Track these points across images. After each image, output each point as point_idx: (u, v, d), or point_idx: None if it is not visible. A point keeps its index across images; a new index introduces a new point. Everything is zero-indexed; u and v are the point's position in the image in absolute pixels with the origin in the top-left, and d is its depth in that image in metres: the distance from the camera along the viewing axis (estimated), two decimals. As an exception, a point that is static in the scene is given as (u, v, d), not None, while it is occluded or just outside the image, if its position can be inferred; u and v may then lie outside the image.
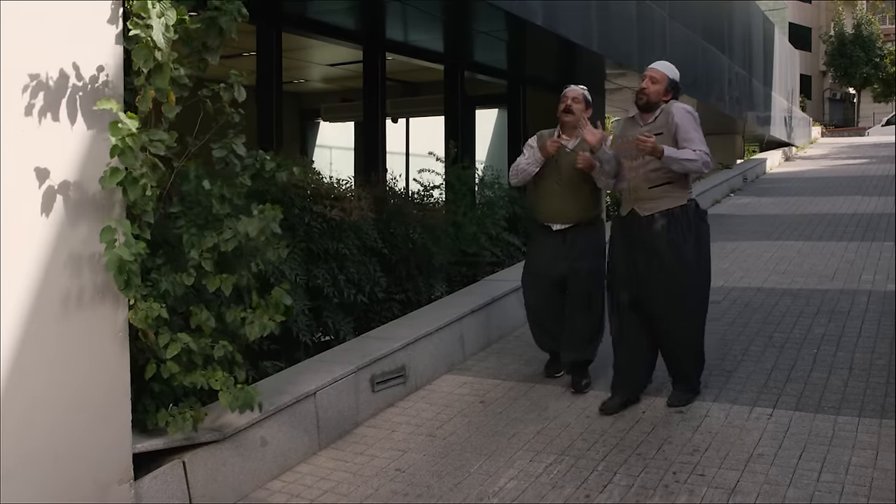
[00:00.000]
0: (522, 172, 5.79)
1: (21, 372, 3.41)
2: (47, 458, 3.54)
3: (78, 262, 3.64)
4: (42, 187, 3.48)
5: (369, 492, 4.43)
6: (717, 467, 4.44)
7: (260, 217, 4.11)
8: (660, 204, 5.14)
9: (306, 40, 10.10)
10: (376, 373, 5.50)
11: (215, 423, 4.34)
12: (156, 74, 3.73)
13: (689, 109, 5.15)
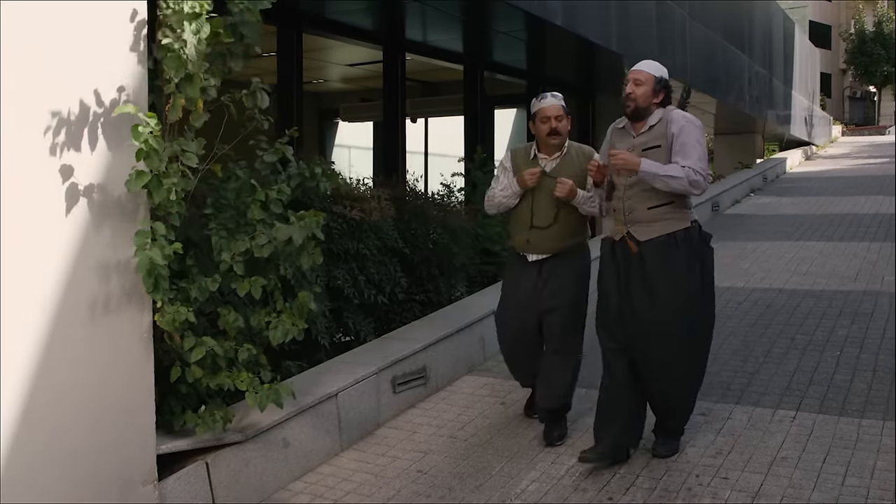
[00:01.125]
0: (500, 205, 5.03)
1: (49, 374, 3.43)
2: (73, 459, 3.57)
3: (104, 265, 3.67)
4: (67, 191, 3.50)
5: (391, 493, 4.44)
6: (740, 470, 4.42)
7: (301, 224, 4.13)
8: (660, 227, 4.41)
9: (326, 41, 10.13)
10: (397, 374, 5.51)
11: (238, 424, 4.36)
12: (186, 84, 3.75)
13: (691, 119, 4.44)
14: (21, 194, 3.34)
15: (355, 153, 17.05)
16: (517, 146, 5.16)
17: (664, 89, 4.48)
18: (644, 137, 4.46)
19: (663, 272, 4.39)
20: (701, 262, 4.47)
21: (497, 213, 5.21)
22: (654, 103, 4.46)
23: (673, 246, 4.39)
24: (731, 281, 8.82)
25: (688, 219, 4.47)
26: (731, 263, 9.81)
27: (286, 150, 4.40)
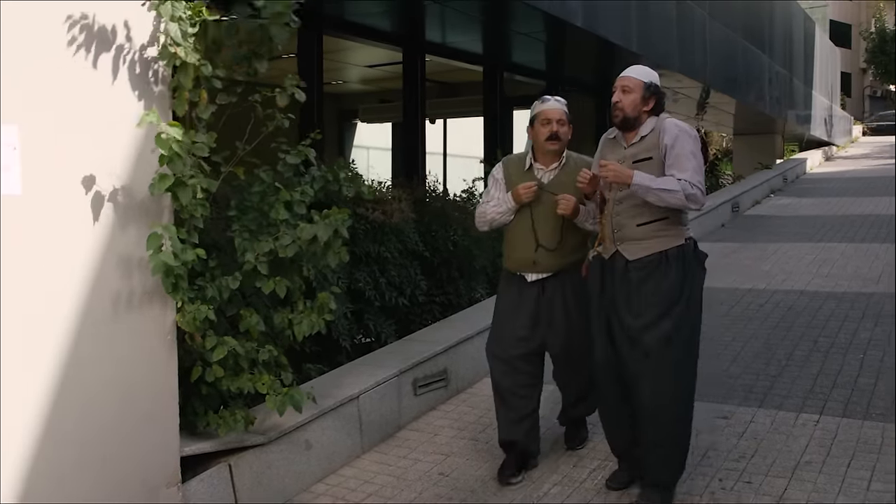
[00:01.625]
0: (492, 222, 4.56)
1: (74, 376, 3.45)
2: (98, 461, 3.59)
3: (128, 265, 3.68)
4: (92, 192, 3.52)
5: (413, 495, 4.44)
6: (763, 474, 4.39)
7: (327, 221, 4.14)
8: (651, 245, 4.03)
9: (346, 42, 10.15)
10: (418, 376, 5.51)
11: (261, 426, 4.37)
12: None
13: (685, 128, 4.07)
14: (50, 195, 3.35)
15: (374, 154, 17.10)
16: (510, 156, 4.77)
17: (654, 96, 4.09)
18: (635, 149, 4.09)
19: (649, 292, 4.01)
20: (691, 283, 4.06)
21: (489, 229, 4.67)
22: (645, 111, 4.08)
23: (663, 265, 4.01)
24: (752, 283, 8.78)
25: (682, 236, 4.08)
26: (751, 265, 9.78)
27: (309, 153, 4.41)
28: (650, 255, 4.02)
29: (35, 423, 3.33)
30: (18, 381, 3.27)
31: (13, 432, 3.26)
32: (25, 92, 3.26)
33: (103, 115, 3.55)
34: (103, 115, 3.56)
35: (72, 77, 3.43)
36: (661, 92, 4.13)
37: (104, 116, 3.56)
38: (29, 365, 3.31)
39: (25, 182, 3.26)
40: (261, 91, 4.10)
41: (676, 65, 12.57)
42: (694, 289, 4.09)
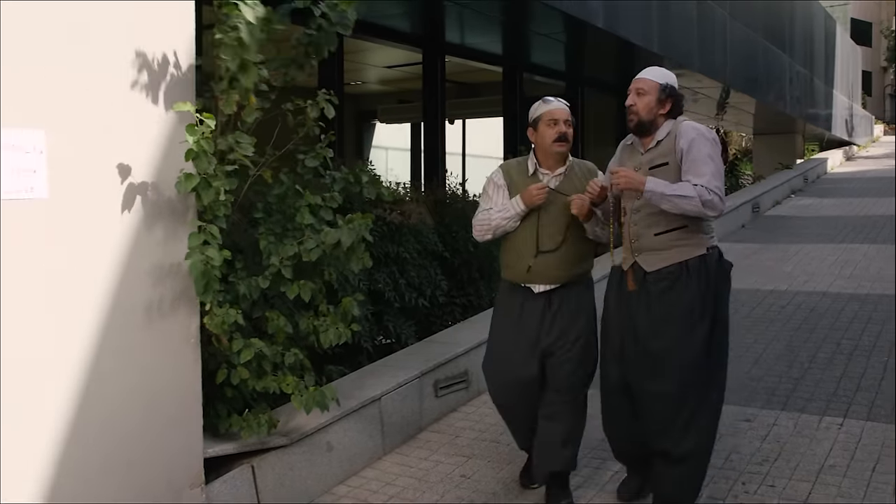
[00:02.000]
0: (497, 229, 4.20)
1: (100, 379, 3.47)
2: (123, 462, 3.61)
3: (155, 268, 3.69)
4: (121, 192, 3.53)
5: (435, 497, 4.44)
6: (787, 478, 4.37)
7: (350, 227, 4.14)
8: (670, 255, 3.82)
9: (365, 43, 10.17)
10: (439, 378, 5.51)
11: (283, 428, 4.38)
12: (241, 73, 3.76)
13: (703, 131, 3.84)
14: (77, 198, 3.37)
15: (392, 154, 17.13)
16: (509, 161, 4.43)
17: (671, 98, 3.89)
18: (651, 154, 3.90)
19: (669, 307, 3.80)
20: (716, 296, 3.82)
21: (491, 238, 4.28)
22: (661, 114, 3.88)
23: (683, 277, 3.79)
24: (774, 284, 8.74)
25: (703, 245, 3.84)
26: (773, 266, 9.73)
27: (326, 154, 4.40)
28: (669, 266, 3.82)
29: (62, 426, 3.34)
30: (46, 384, 3.29)
31: (41, 435, 3.28)
32: (53, 95, 3.27)
33: (131, 114, 3.57)
34: (131, 114, 3.57)
35: (99, 78, 3.44)
36: (677, 94, 3.94)
37: (132, 115, 3.57)
38: (56, 367, 3.32)
39: (52, 185, 3.27)
40: (293, 100, 4.12)
41: (697, 65, 12.52)
42: (720, 303, 3.85)
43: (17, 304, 3.18)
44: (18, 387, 3.20)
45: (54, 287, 3.31)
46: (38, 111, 3.23)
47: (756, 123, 22.87)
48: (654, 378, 3.83)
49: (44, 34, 3.24)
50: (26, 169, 3.19)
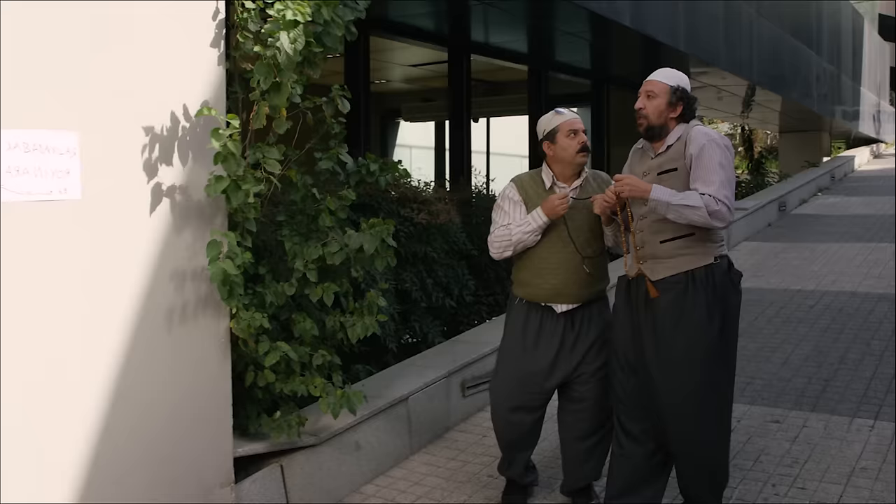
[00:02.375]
0: (517, 244, 4.04)
1: (131, 379, 3.49)
2: (155, 462, 3.63)
3: (183, 270, 3.72)
4: (151, 194, 3.55)
5: (463, 498, 4.44)
6: (818, 481, 4.34)
7: (373, 233, 4.14)
8: (676, 264, 3.69)
9: (391, 42, 10.18)
10: (466, 377, 5.51)
11: (312, 427, 4.39)
12: (273, 92, 3.77)
13: (715, 137, 3.69)
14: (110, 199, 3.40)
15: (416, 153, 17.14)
16: (521, 175, 4.24)
17: (682, 101, 3.75)
18: (661, 159, 3.77)
19: (675, 318, 3.67)
20: (723, 308, 3.68)
21: (510, 255, 4.12)
22: (672, 118, 3.75)
23: (689, 287, 3.66)
24: (802, 284, 8.69)
25: (711, 254, 3.69)
26: (800, 266, 9.67)
27: (340, 152, 4.36)
28: (675, 275, 3.68)
29: (95, 426, 3.37)
30: (79, 385, 3.32)
31: (75, 435, 3.31)
32: (85, 97, 3.30)
33: (161, 116, 3.59)
34: (161, 117, 3.59)
35: (130, 80, 3.46)
36: (689, 96, 3.79)
37: (162, 117, 3.59)
38: (88, 368, 3.35)
39: (85, 186, 3.30)
40: (310, 98, 4.12)
41: (723, 63, 12.45)
42: (727, 316, 3.70)
43: (50, 305, 3.21)
44: (52, 387, 3.23)
45: (86, 288, 3.33)
46: (72, 113, 3.26)
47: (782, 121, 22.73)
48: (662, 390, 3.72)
49: (77, 37, 3.26)
50: (60, 170, 3.22)
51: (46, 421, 3.22)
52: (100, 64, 3.35)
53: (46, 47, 3.16)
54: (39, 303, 3.18)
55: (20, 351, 3.12)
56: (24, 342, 3.13)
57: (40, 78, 3.15)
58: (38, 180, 3.16)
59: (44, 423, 3.21)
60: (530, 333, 4.10)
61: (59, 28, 3.20)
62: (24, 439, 3.15)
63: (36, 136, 3.14)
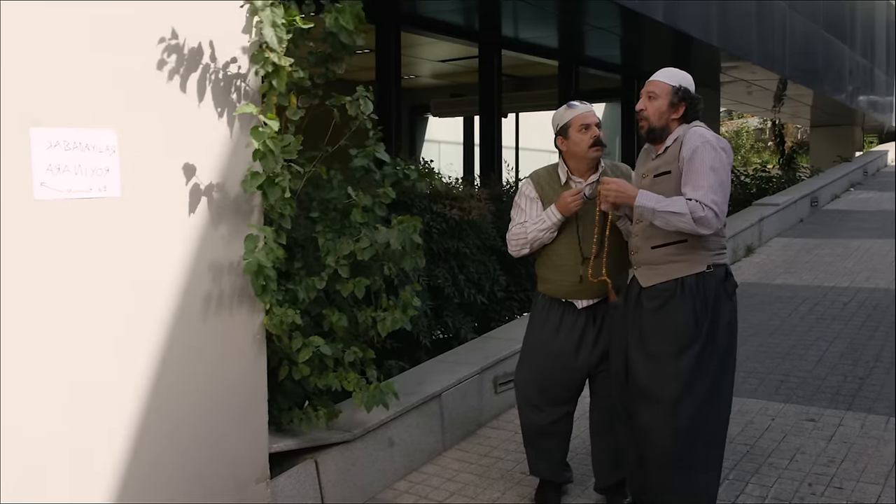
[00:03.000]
0: (534, 241, 4.03)
1: (169, 375, 3.51)
2: (192, 458, 3.65)
3: (220, 265, 3.73)
4: (188, 191, 3.57)
5: (496, 495, 4.44)
6: (855, 480, 4.30)
7: (400, 228, 4.14)
8: (666, 271, 3.59)
9: (421, 38, 10.19)
10: (498, 374, 5.50)
11: (345, 424, 4.41)
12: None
13: (710, 139, 3.52)
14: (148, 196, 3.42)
15: (445, 148, 17.15)
16: (536, 171, 4.22)
17: (684, 101, 3.63)
18: (658, 161, 3.67)
19: (659, 327, 3.59)
20: (713, 318, 3.54)
21: (528, 252, 4.12)
22: (674, 119, 3.64)
23: (676, 294, 3.56)
24: (835, 281, 8.62)
25: (703, 262, 3.56)
26: (833, 262, 9.59)
27: (378, 150, 4.36)
28: (664, 282, 3.59)
29: (135, 421, 3.39)
30: (116, 380, 3.34)
31: (114, 430, 3.34)
32: (124, 96, 3.32)
33: (198, 113, 3.60)
34: (198, 114, 3.60)
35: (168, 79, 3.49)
36: (692, 96, 3.65)
37: (199, 114, 3.61)
38: (126, 364, 3.37)
39: (124, 183, 3.32)
40: (336, 97, 4.12)
41: (755, 57, 12.36)
42: (717, 328, 3.55)
43: (89, 302, 3.24)
44: (93, 383, 3.26)
45: (125, 284, 3.36)
46: (111, 111, 3.28)
47: (813, 115, 22.52)
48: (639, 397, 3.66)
49: (115, 36, 3.29)
50: (100, 168, 3.25)
51: (87, 419, 3.25)
52: (138, 62, 3.37)
53: (86, 46, 3.19)
54: (78, 301, 3.21)
55: (61, 349, 3.15)
56: (63, 340, 3.16)
57: (80, 76, 3.17)
58: (77, 178, 3.19)
59: (84, 420, 3.24)
60: (551, 327, 4.10)
61: (99, 27, 3.22)
62: (65, 438, 3.18)
63: (76, 135, 3.17)
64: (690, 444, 3.57)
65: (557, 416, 4.15)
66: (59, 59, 3.11)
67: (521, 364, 4.26)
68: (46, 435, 3.13)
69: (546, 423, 4.16)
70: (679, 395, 3.54)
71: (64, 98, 3.13)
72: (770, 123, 28.37)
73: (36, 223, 3.06)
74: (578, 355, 4.04)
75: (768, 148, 33.31)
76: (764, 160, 25.61)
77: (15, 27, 2.97)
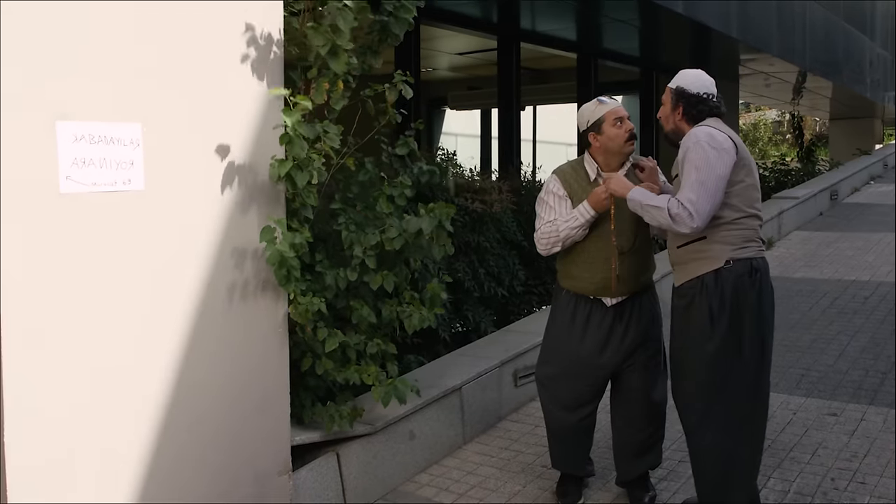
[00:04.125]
0: (566, 239, 3.94)
1: (193, 367, 3.52)
2: (214, 449, 3.67)
3: (243, 253, 3.73)
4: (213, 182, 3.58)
5: (517, 488, 4.44)
6: (878, 475, 4.28)
7: (432, 216, 4.14)
8: (689, 270, 3.62)
9: (439, 30, 10.17)
10: (518, 367, 5.50)
11: (367, 417, 4.42)
12: (332, 59, 3.76)
13: (700, 139, 3.49)
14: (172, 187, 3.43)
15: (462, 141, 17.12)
16: (560, 168, 4.12)
17: (681, 101, 3.67)
18: (675, 166, 3.71)
19: (683, 325, 3.65)
20: (732, 314, 3.52)
21: (559, 251, 4.03)
22: (680, 121, 3.69)
23: (697, 295, 3.57)
24: (856, 274, 8.57)
25: (721, 258, 3.54)
26: (854, 256, 9.53)
27: (411, 143, 4.41)
28: (689, 280, 3.62)
29: (159, 414, 3.41)
30: (140, 372, 3.36)
31: (138, 421, 3.35)
32: (148, 88, 3.32)
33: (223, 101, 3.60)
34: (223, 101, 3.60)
35: (193, 69, 3.49)
36: (687, 95, 3.65)
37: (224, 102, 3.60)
38: (150, 356, 3.39)
39: (148, 176, 3.33)
40: (372, 86, 4.13)
41: (776, 49, 12.28)
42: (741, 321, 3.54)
43: (117, 295, 3.25)
44: (117, 374, 3.27)
45: (150, 277, 3.37)
46: (135, 104, 3.28)
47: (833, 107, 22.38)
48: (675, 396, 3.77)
49: (137, 29, 3.29)
50: (125, 161, 3.26)
51: (111, 409, 3.26)
52: (162, 54, 3.37)
53: (110, 40, 3.19)
54: (102, 293, 3.22)
55: (85, 341, 3.17)
56: (87, 332, 3.18)
57: (104, 70, 3.18)
58: (102, 171, 3.20)
59: (108, 411, 3.26)
60: (578, 325, 4.04)
61: (121, 21, 3.23)
62: (88, 431, 3.20)
63: (101, 128, 3.18)
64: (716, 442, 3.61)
65: (584, 415, 4.13)
66: (85, 52, 3.12)
67: (545, 361, 4.20)
68: (71, 427, 3.14)
69: (572, 422, 4.14)
70: (698, 397, 3.60)
71: (89, 91, 3.14)
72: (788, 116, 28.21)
73: (61, 216, 3.08)
74: (604, 354, 3.99)
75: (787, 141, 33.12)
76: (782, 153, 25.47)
77: (40, 21, 2.98)
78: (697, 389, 3.61)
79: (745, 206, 3.57)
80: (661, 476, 4.43)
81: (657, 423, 4.09)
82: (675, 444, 4.73)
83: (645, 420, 4.06)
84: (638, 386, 4.03)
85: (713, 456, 3.64)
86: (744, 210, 3.56)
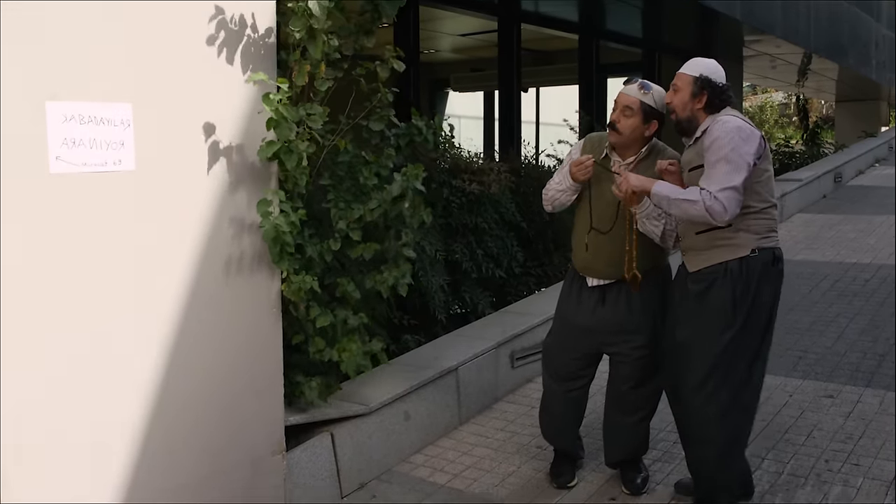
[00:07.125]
0: (553, 201, 4.06)
1: (186, 347, 3.53)
2: (208, 430, 3.68)
3: (238, 231, 3.73)
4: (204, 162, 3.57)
5: (512, 469, 4.45)
6: (872, 457, 4.28)
7: (402, 178, 4.13)
8: (710, 255, 3.60)
9: (440, 11, 10.13)
10: (515, 348, 5.51)
11: (362, 397, 4.42)
12: (310, 43, 3.76)
13: (729, 127, 3.48)
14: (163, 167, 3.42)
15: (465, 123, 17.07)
16: (590, 135, 4.17)
17: (705, 90, 3.61)
18: (690, 154, 3.69)
19: (699, 310, 3.63)
20: (752, 301, 3.55)
21: (551, 210, 4.16)
22: (699, 109, 3.63)
23: (720, 278, 3.57)
24: (857, 257, 8.54)
25: (748, 246, 3.55)
26: (856, 238, 9.51)
27: (389, 114, 4.37)
28: (709, 266, 3.60)
29: (151, 393, 3.42)
30: (133, 353, 3.36)
31: (128, 401, 3.36)
32: (138, 69, 3.31)
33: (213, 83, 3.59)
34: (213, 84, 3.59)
35: (183, 49, 3.48)
36: (714, 84, 3.61)
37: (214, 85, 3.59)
38: (143, 336, 3.39)
39: (139, 156, 3.32)
40: (363, 64, 4.11)
41: (780, 31, 12.20)
42: (757, 310, 3.57)
43: (108, 276, 3.25)
44: (111, 356, 3.28)
45: (142, 257, 3.37)
46: (125, 84, 3.27)
47: (838, 90, 22.28)
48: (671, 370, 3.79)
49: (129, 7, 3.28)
50: (115, 142, 3.25)
51: (103, 389, 3.27)
52: (153, 35, 3.36)
53: (100, 20, 3.18)
54: (94, 274, 3.22)
55: (75, 322, 3.17)
56: (77, 314, 3.18)
57: (94, 50, 3.17)
58: (92, 152, 3.19)
59: (100, 391, 3.27)
60: (573, 300, 4.12)
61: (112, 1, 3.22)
62: (80, 410, 3.21)
63: (91, 108, 3.17)
64: (724, 424, 3.63)
65: (570, 388, 4.19)
66: (74, 33, 3.11)
67: (550, 331, 4.33)
68: (62, 407, 3.15)
69: (559, 392, 4.22)
70: (710, 378, 3.59)
71: (79, 71, 3.13)
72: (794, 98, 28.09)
73: (51, 197, 3.08)
74: (590, 331, 4.04)
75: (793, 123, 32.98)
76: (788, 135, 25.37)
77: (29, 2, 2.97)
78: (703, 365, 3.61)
79: (769, 196, 3.60)
80: (655, 458, 4.44)
81: (645, 411, 4.11)
82: (670, 425, 4.72)
83: (632, 406, 4.08)
84: (629, 376, 4.03)
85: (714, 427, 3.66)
86: (768, 200, 3.59)
